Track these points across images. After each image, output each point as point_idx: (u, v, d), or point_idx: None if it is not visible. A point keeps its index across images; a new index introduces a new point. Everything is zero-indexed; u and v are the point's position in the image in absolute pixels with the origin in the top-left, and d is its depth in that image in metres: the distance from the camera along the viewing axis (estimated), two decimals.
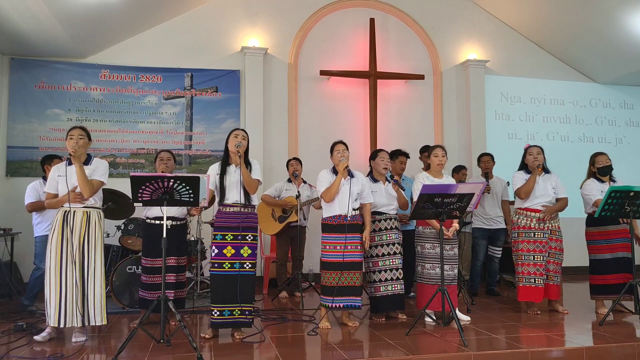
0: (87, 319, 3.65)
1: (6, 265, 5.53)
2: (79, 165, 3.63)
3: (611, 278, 4.59)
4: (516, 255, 4.70)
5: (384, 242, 4.37)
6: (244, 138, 3.87)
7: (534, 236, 4.62)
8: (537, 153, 4.69)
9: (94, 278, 3.70)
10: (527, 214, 4.67)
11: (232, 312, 3.71)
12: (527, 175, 4.71)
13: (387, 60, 7.37)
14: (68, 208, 3.69)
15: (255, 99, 6.87)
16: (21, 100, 6.33)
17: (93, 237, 3.72)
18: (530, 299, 4.58)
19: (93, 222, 3.75)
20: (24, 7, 5.11)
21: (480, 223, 5.73)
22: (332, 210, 4.15)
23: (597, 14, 6.81)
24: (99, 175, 3.80)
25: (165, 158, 4.46)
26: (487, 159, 5.94)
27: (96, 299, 3.69)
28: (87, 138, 3.83)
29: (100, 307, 3.70)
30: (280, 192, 5.73)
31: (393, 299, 4.33)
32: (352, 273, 4.08)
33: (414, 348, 3.45)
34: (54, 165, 3.90)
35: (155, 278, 4.15)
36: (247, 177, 3.78)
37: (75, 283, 3.61)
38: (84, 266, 3.66)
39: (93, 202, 3.79)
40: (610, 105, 8.28)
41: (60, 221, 3.68)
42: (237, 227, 3.76)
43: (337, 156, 4.22)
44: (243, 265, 3.77)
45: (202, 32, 6.92)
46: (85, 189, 3.66)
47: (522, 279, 4.60)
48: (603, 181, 4.73)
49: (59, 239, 3.64)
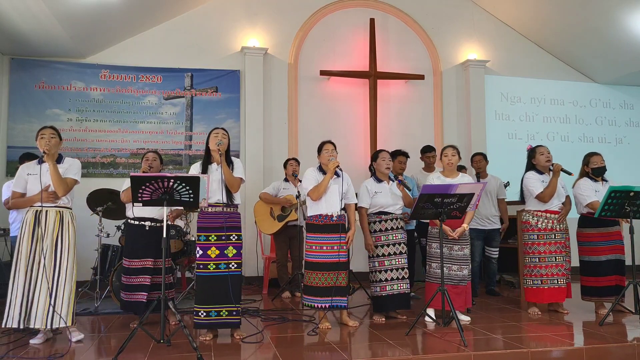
0: (50, 321, 3.52)
1: (5, 265, 5.53)
2: (52, 163, 3.60)
3: (603, 280, 4.59)
4: (536, 257, 4.59)
5: (390, 242, 4.37)
6: (224, 136, 3.85)
7: (555, 237, 4.58)
8: (548, 152, 4.63)
9: (65, 279, 3.60)
10: (547, 215, 4.60)
11: (219, 313, 3.69)
12: (540, 175, 4.64)
13: (387, 60, 7.37)
14: (40, 208, 3.62)
15: (255, 99, 6.88)
16: (21, 100, 6.33)
17: (66, 238, 3.66)
18: (556, 300, 4.56)
19: (66, 222, 3.69)
20: (24, 7, 5.11)
21: (475, 224, 5.69)
22: (318, 210, 4.12)
23: (597, 14, 6.81)
24: (73, 173, 3.76)
25: (150, 158, 4.37)
26: (479, 158, 5.93)
27: (64, 300, 3.58)
28: (58, 137, 3.79)
29: (68, 309, 3.58)
30: (278, 191, 5.74)
31: (399, 298, 4.33)
32: (339, 273, 4.07)
33: (414, 348, 3.45)
34: (23, 164, 3.81)
35: (132, 279, 4.10)
36: (228, 175, 3.75)
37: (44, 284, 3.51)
38: (55, 267, 3.57)
39: (66, 201, 3.73)
40: (610, 105, 8.28)
41: (31, 221, 3.60)
42: (221, 227, 3.73)
43: (325, 155, 4.20)
44: (228, 266, 3.74)
45: (202, 32, 6.92)
46: (60, 187, 3.61)
47: (546, 281, 4.52)
48: (596, 181, 4.71)
49: (29, 239, 3.56)
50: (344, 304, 4.10)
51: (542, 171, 4.66)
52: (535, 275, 4.58)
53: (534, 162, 4.71)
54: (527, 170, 4.75)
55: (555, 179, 4.54)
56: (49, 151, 3.60)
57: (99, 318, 4.58)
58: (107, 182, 6.19)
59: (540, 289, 4.56)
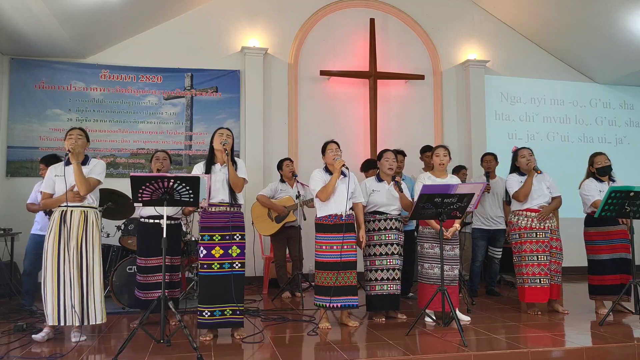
0: (86, 318, 3.65)
1: (6, 265, 5.54)
2: (76, 162, 3.65)
3: (609, 279, 4.59)
4: (519, 256, 4.67)
5: (382, 242, 4.37)
6: (229, 136, 3.86)
7: (536, 236, 4.61)
8: (529, 155, 4.72)
9: (93, 277, 3.70)
10: (527, 214, 4.67)
11: (223, 312, 3.70)
12: (521, 177, 4.73)
13: (387, 61, 7.37)
14: (65, 208, 3.69)
15: (255, 99, 6.87)
16: (21, 100, 6.33)
17: (91, 237, 3.72)
18: (537, 300, 4.57)
19: (91, 222, 3.75)
20: (24, 7, 5.11)
21: (480, 223, 5.71)
22: (327, 210, 4.14)
23: (597, 14, 6.81)
24: (96, 174, 3.82)
25: (161, 157, 4.46)
26: (490, 158, 5.95)
27: (96, 298, 3.70)
28: (86, 139, 3.87)
29: (101, 306, 3.71)
30: (275, 192, 5.71)
31: (388, 298, 4.32)
32: (349, 273, 4.09)
33: (414, 348, 3.45)
34: (51, 166, 3.89)
35: (149, 277, 4.15)
36: (233, 175, 3.75)
37: (73, 282, 3.60)
38: (82, 266, 3.66)
39: (91, 201, 3.79)
40: (610, 105, 8.28)
41: (57, 220, 3.68)
42: (225, 226, 3.74)
43: (330, 155, 4.20)
44: (232, 265, 3.75)
45: (202, 32, 6.92)
46: (82, 186, 3.66)
47: (527, 280, 4.57)
48: (602, 181, 4.73)
49: (56, 238, 3.64)
50: (355, 304, 4.11)
51: (524, 173, 4.74)
52: (520, 274, 4.65)
53: (517, 165, 4.82)
54: (511, 172, 4.87)
55: (530, 179, 4.63)
56: (74, 150, 3.65)
57: None
58: (107, 182, 6.10)
59: (521, 288, 4.64)
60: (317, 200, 4.20)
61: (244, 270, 3.82)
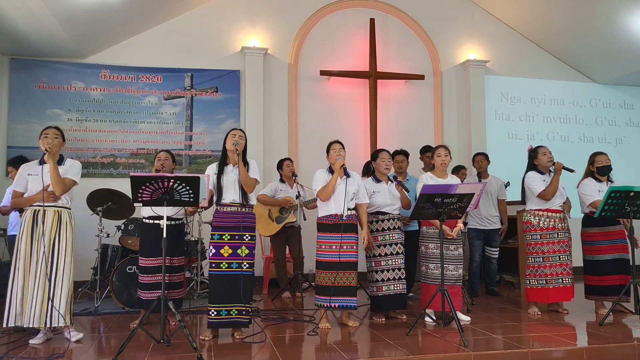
0: (49, 320, 3.54)
1: (5, 265, 5.53)
2: (52, 162, 3.61)
3: (607, 279, 4.58)
4: (540, 257, 4.58)
5: (386, 242, 4.37)
6: (241, 137, 3.87)
7: (558, 236, 4.58)
8: (550, 153, 4.67)
9: (62, 279, 3.62)
10: (550, 215, 4.61)
11: (229, 312, 3.70)
12: (542, 175, 4.66)
13: (387, 61, 7.37)
14: (38, 207, 3.64)
15: (255, 99, 6.87)
16: (21, 100, 6.32)
17: (64, 237, 3.67)
18: (562, 299, 4.56)
19: (64, 222, 3.70)
20: (24, 7, 5.11)
21: (475, 224, 5.71)
22: (328, 210, 4.15)
23: (597, 14, 6.81)
24: (72, 174, 3.77)
25: (162, 158, 4.42)
26: (480, 158, 5.94)
27: (62, 300, 3.60)
28: (62, 138, 3.81)
29: (66, 308, 3.60)
30: (276, 192, 5.71)
31: (395, 298, 4.33)
32: (348, 273, 4.08)
33: (414, 348, 3.45)
34: (24, 164, 3.83)
35: (151, 277, 4.13)
36: (245, 176, 3.78)
37: (38, 283, 3.53)
38: (52, 266, 3.59)
39: (65, 201, 3.75)
40: (610, 105, 8.28)
41: (29, 220, 3.62)
42: (236, 226, 3.76)
43: (333, 155, 4.22)
44: (241, 265, 3.76)
45: (202, 32, 6.92)
46: (57, 186, 3.62)
47: (551, 281, 4.52)
48: (601, 181, 4.71)
49: (28, 238, 3.59)
50: (354, 305, 4.11)
51: (542, 171, 4.68)
52: (540, 275, 4.57)
53: (535, 163, 4.73)
54: (528, 170, 4.76)
55: (557, 177, 4.55)
56: (51, 150, 3.61)
57: (99, 318, 4.58)
58: (107, 182, 6.19)
59: (544, 289, 4.55)
60: (318, 200, 4.23)
61: (253, 271, 3.82)
